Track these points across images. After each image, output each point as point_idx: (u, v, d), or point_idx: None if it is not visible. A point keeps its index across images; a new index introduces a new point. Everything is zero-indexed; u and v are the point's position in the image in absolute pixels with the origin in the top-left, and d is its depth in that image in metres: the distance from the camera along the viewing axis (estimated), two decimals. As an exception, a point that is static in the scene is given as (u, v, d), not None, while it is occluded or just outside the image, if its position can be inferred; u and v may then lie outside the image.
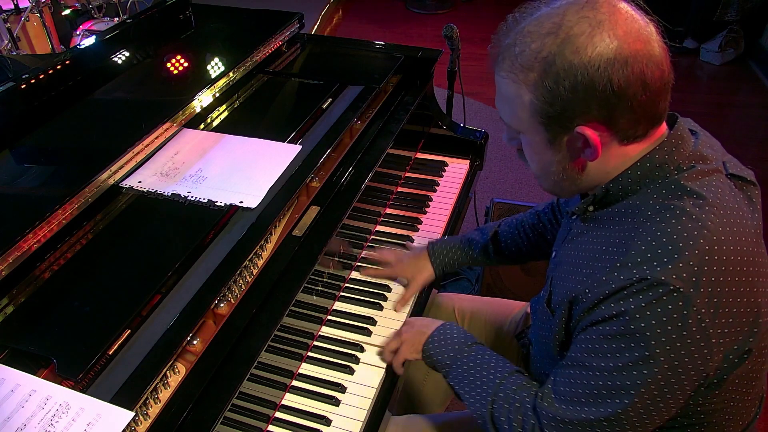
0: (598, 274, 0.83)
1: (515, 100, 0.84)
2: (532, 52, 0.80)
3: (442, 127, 1.79)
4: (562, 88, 0.78)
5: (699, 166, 0.85)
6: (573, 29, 0.78)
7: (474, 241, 1.37)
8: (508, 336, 1.38)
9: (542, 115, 0.82)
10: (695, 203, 0.81)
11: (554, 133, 0.84)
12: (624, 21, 0.78)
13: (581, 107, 0.79)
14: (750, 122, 3.52)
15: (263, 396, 1.07)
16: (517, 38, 0.82)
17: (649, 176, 0.85)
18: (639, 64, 0.77)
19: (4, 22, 2.32)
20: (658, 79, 0.79)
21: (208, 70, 1.51)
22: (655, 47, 0.79)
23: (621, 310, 0.79)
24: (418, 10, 4.97)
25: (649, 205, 0.83)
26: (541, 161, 0.90)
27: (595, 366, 0.83)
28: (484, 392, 1.00)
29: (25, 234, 0.97)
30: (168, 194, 1.16)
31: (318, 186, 1.27)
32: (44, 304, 0.95)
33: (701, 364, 0.79)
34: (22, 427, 0.79)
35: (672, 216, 0.80)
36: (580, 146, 0.84)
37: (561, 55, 0.78)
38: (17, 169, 1.15)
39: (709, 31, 4.02)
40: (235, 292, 1.04)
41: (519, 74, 0.82)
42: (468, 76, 1.98)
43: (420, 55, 1.70)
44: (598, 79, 0.76)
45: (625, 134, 0.83)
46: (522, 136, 0.90)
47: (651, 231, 0.80)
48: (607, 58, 0.76)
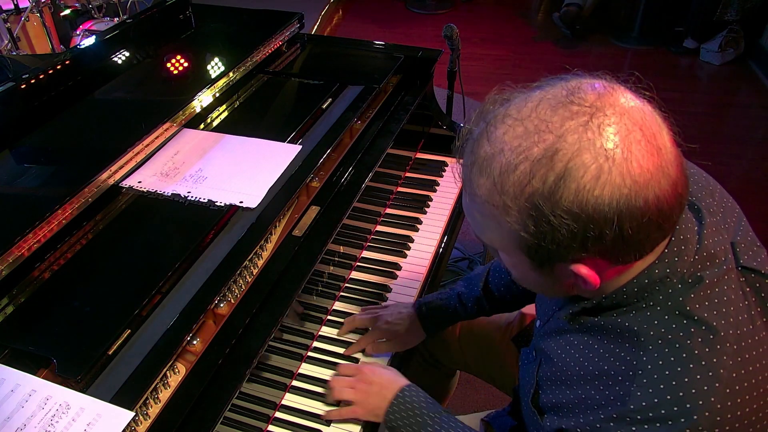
0: (591, 412, 0.74)
1: (494, 227, 0.70)
2: (517, 181, 0.64)
3: (442, 127, 1.79)
4: (559, 233, 0.64)
5: (707, 277, 0.72)
6: (573, 160, 0.61)
7: (465, 296, 1.24)
8: (505, 340, 1.37)
9: (527, 251, 0.69)
10: (704, 340, 0.69)
11: (541, 264, 0.70)
12: (638, 147, 0.62)
13: (579, 250, 0.66)
14: (750, 122, 3.52)
15: (263, 396, 1.07)
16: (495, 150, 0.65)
17: (648, 291, 0.72)
18: (655, 200, 0.62)
19: (4, 22, 2.32)
20: (675, 206, 0.65)
21: (208, 70, 1.51)
22: (672, 169, 0.64)
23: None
24: (418, 10, 4.97)
25: (651, 336, 0.71)
26: (523, 278, 0.78)
27: None
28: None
29: (25, 234, 0.97)
30: (168, 194, 1.16)
31: (318, 186, 1.27)
32: (44, 304, 0.95)
33: None
34: (22, 427, 0.79)
35: (678, 361, 0.68)
36: (571, 278, 0.71)
37: (557, 194, 0.62)
38: (17, 169, 1.15)
39: (709, 31, 4.02)
40: (235, 292, 1.04)
41: (499, 203, 0.66)
42: (468, 76, 1.99)
43: (420, 55, 1.70)
44: (606, 225, 0.62)
45: (625, 260, 0.70)
46: (500, 253, 0.77)
47: (653, 380, 0.69)
48: (618, 201, 0.61)
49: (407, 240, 1.49)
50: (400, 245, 1.48)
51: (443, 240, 1.52)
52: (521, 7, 5.07)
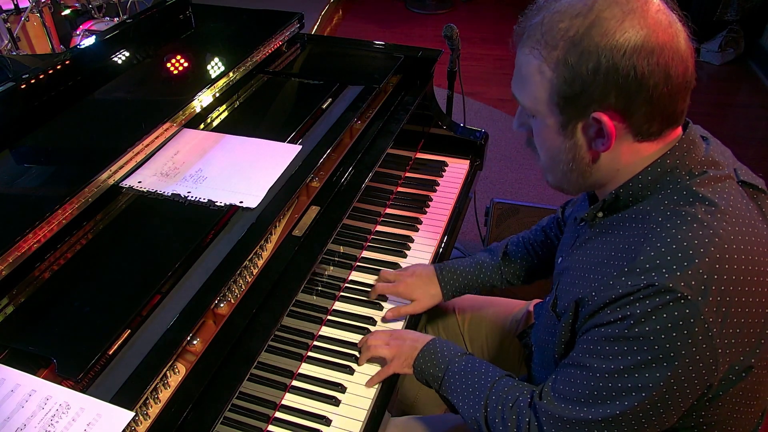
0: (606, 279, 0.82)
1: (535, 77, 0.83)
2: (559, 31, 0.79)
3: (442, 127, 1.79)
4: (585, 69, 0.77)
5: (711, 171, 0.83)
6: (604, 12, 0.77)
7: (484, 263, 1.32)
8: (510, 336, 1.38)
9: (560, 96, 0.81)
10: (707, 210, 0.79)
11: (569, 117, 0.82)
12: (655, 12, 0.77)
13: (601, 91, 0.78)
14: (750, 122, 3.52)
15: (263, 396, 1.07)
16: (545, 17, 0.81)
17: (660, 181, 0.84)
18: (664, 56, 0.76)
19: (4, 22, 2.32)
20: (681, 74, 0.78)
21: (208, 70, 1.51)
22: (682, 43, 0.78)
23: (626, 314, 0.78)
24: (418, 10, 4.97)
25: (660, 210, 0.82)
26: (551, 149, 0.88)
27: (596, 367, 0.82)
28: (477, 398, 1.01)
29: (25, 234, 0.97)
30: (168, 194, 1.16)
31: (318, 186, 1.27)
32: (44, 304, 0.95)
33: (705, 374, 0.78)
34: (22, 427, 0.79)
35: (683, 222, 0.79)
36: (593, 134, 0.82)
37: (588, 36, 0.77)
38: (17, 169, 1.15)
39: (709, 31, 4.02)
40: (235, 292, 1.04)
41: (543, 50, 0.80)
42: (468, 76, 1.99)
43: (420, 55, 1.70)
44: (622, 64, 0.75)
45: (639, 129, 0.81)
46: (534, 121, 0.88)
47: (661, 237, 0.79)
48: (634, 45, 0.75)
49: (407, 240, 1.49)
50: (400, 245, 1.48)
51: (443, 240, 1.52)
52: (521, 7, 5.02)
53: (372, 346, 1.16)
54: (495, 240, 2.16)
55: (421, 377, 1.12)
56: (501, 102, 3.60)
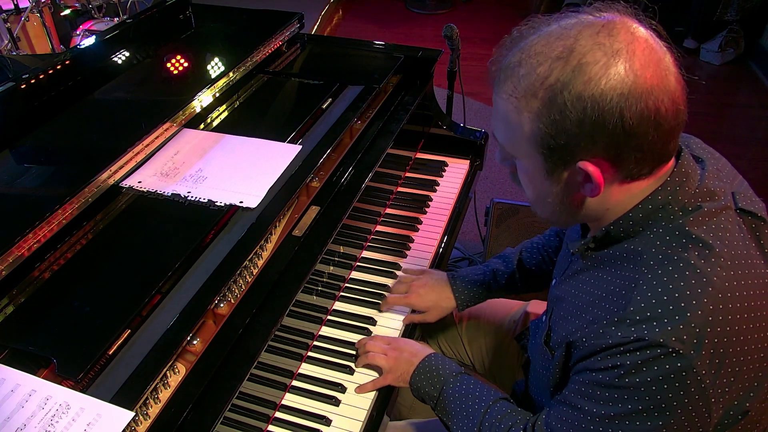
0: (596, 325, 0.80)
1: (514, 125, 0.79)
2: (538, 77, 0.74)
3: (442, 127, 1.79)
4: (569, 121, 0.72)
5: (706, 206, 0.79)
6: (586, 57, 0.71)
7: (499, 272, 1.30)
8: (508, 337, 1.38)
9: (543, 146, 0.77)
10: (701, 254, 0.75)
11: (553, 165, 0.78)
12: (642, 52, 0.72)
13: (587, 142, 0.74)
14: (750, 122, 3.52)
15: (263, 396, 1.07)
16: (522, 57, 0.76)
17: (652, 218, 0.80)
18: (654, 101, 0.71)
19: (4, 22, 2.32)
20: (672, 117, 0.73)
21: (208, 70, 1.51)
22: (672, 82, 0.73)
23: (617, 363, 0.75)
24: (418, 10, 4.97)
25: (652, 253, 0.78)
26: (536, 190, 0.85)
27: (587, 410, 0.81)
28: (470, 422, 1.00)
29: (25, 234, 0.97)
30: (168, 194, 1.16)
31: (318, 186, 1.27)
32: (44, 304, 0.95)
33: (699, 423, 0.76)
34: (22, 427, 0.79)
35: (675, 269, 0.75)
36: (580, 181, 0.79)
37: (571, 85, 0.71)
38: (17, 169, 1.15)
39: (709, 31, 4.02)
40: (235, 292, 1.04)
41: (521, 100, 0.76)
42: (468, 76, 1.98)
43: (420, 55, 1.70)
44: (609, 114, 0.71)
45: (629, 173, 0.77)
46: (517, 161, 0.85)
47: (652, 285, 0.76)
48: (621, 93, 0.70)
49: (407, 240, 1.49)
50: (400, 245, 1.48)
51: (443, 240, 1.52)
52: (521, 7, 5.07)
53: (370, 354, 1.15)
54: (495, 240, 2.17)
55: (418, 394, 1.11)
56: (501, 102, 3.60)
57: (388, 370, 1.13)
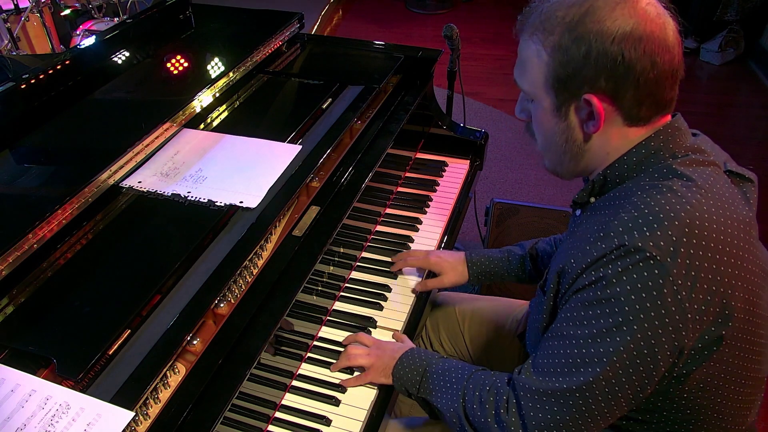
0: (584, 245, 0.86)
1: (533, 61, 0.89)
2: (556, 18, 0.85)
3: (442, 127, 1.79)
4: (577, 52, 0.83)
5: (694, 155, 0.87)
6: (597, 2, 0.83)
7: (513, 254, 1.36)
8: (510, 335, 1.38)
9: (555, 78, 0.86)
10: (683, 184, 0.83)
11: (563, 99, 0.88)
12: (645, 4, 0.83)
13: (592, 75, 0.83)
14: (750, 122, 3.52)
15: (263, 396, 1.07)
16: (544, 8, 0.88)
17: (645, 163, 0.88)
18: (651, 44, 0.81)
19: (4, 22, 2.32)
20: (667, 62, 0.82)
21: (208, 70, 1.51)
22: (670, 34, 0.83)
23: (599, 275, 0.81)
24: (418, 10, 4.97)
25: (640, 185, 0.87)
26: (547, 131, 0.93)
27: (572, 334, 0.85)
28: (454, 391, 1.03)
29: (25, 234, 0.97)
30: (168, 194, 1.16)
31: (318, 186, 1.27)
32: (44, 304, 0.95)
33: (675, 337, 0.80)
34: (22, 427, 0.79)
35: (658, 192, 0.83)
36: (585, 116, 0.88)
37: (582, 23, 0.83)
38: (17, 169, 1.15)
39: (709, 31, 4.02)
40: (235, 292, 1.04)
41: (541, 36, 0.87)
42: (468, 76, 1.98)
43: (420, 55, 1.70)
44: (611, 50, 0.81)
45: (629, 113, 0.86)
46: (533, 105, 0.94)
47: (635, 204, 0.83)
48: (623, 32, 0.81)
49: (407, 240, 1.49)
50: (400, 245, 1.47)
51: (443, 240, 1.52)
52: (521, 7, 5.05)
53: (351, 356, 1.16)
54: (495, 240, 2.17)
55: (400, 385, 1.12)
56: (501, 102, 3.60)
57: (370, 366, 1.14)
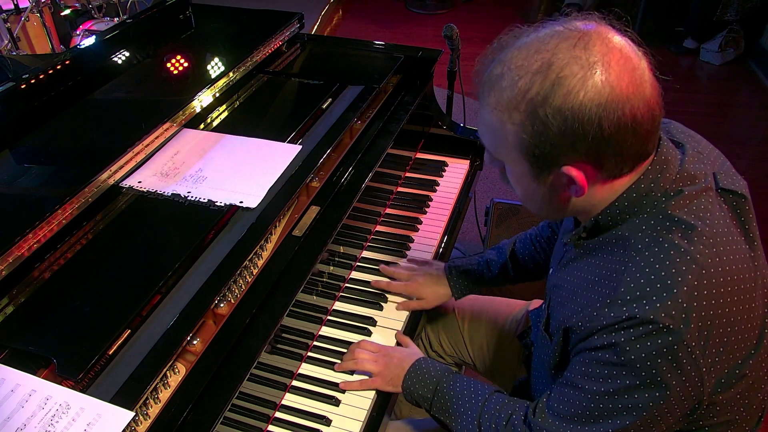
0: (590, 308, 0.83)
1: (499, 134, 0.82)
2: (519, 90, 0.77)
3: (442, 127, 1.79)
4: (551, 131, 0.77)
5: (686, 189, 0.83)
6: (564, 70, 0.75)
7: (492, 262, 1.34)
8: (510, 336, 1.38)
9: (528, 154, 0.81)
10: (684, 235, 0.80)
11: (539, 170, 0.83)
12: (617, 63, 0.75)
13: (569, 150, 0.78)
14: (750, 122, 3.52)
15: (263, 396, 1.07)
16: (503, 70, 0.80)
17: (637, 205, 0.84)
18: (630, 108, 0.75)
19: (4, 22, 2.32)
20: (648, 122, 0.78)
21: (208, 70, 1.51)
22: (647, 88, 0.77)
23: (612, 341, 0.79)
24: (418, 10, 4.97)
25: (638, 237, 0.82)
26: (524, 190, 0.89)
27: (588, 389, 0.84)
28: (470, 417, 1.02)
29: (25, 234, 0.97)
30: (168, 194, 1.16)
31: (318, 186, 1.27)
32: (44, 304, 0.95)
33: (693, 393, 0.80)
34: (22, 427, 0.79)
35: (661, 250, 0.79)
36: (565, 183, 0.83)
37: (551, 98, 0.75)
38: (17, 169, 1.15)
39: (709, 31, 4.02)
40: (235, 292, 1.04)
41: (504, 112, 0.80)
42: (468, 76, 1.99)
43: (420, 55, 1.70)
44: (588, 124, 0.75)
45: (611, 173, 0.82)
46: (505, 164, 0.89)
47: (640, 267, 0.79)
48: (598, 103, 0.74)
49: (407, 240, 1.49)
50: (400, 245, 1.48)
51: (443, 240, 1.52)
52: (521, 7, 5.07)
53: (359, 360, 1.16)
54: (495, 240, 2.17)
55: (411, 398, 1.12)
56: (501, 102, 3.60)
57: (377, 374, 1.14)
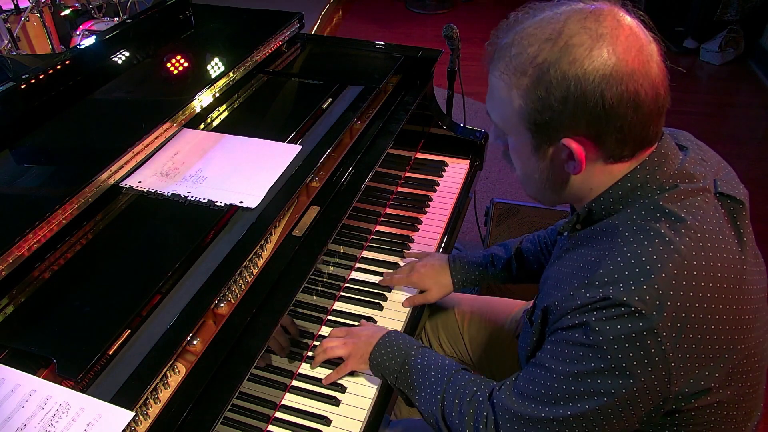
0: (569, 289, 0.83)
1: (505, 102, 0.83)
2: (528, 57, 0.78)
3: (442, 127, 1.79)
4: (553, 98, 0.77)
5: (683, 185, 0.82)
6: (573, 39, 0.75)
7: (497, 257, 1.34)
8: (509, 336, 1.38)
9: (530, 122, 0.81)
10: (671, 226, 0.79)
11: (540, 141, 0.83)
12: (626, 38, 0.76)
13: (570, 120, 0.78)
14: (750, 122, 3.52)
15: (263, 396, 1.07)
16: (515, 39, 0.81)
17: (631, 196, 0.83)
18: (634, 84, 0.75)
19: (4, 22, 2.32)
20: (651, 101, 0.77)
21: (208, 70, 1.51)
22: (654, 68, 0.77)
23: (583, 320, 0.79)
24: (418, 10, 4.97)
25: (627, 225, 0.82)
26: (525, 166, 0.90)
27: (554, 368, 0.84)
28: (434, 391, 1.02)
29: (25, 234, 0.97)
30: (168, 194, 1.16)
31: (318, 186, 1.27)
32: (44, 304, 0.95)
33: (658, 387, 0.78)
34: (22, 427, 0.79)
35: (645, 237, 0.79)
36: (564, 158, 0.83)
37: (556, 64, 0.76)
38: (17, 169, 1.15)
39: (709, 31, 4.02)
40: (235, 292, 1.04)
41: (512, 77, 0.80)
42: (468, 76, 1.98)
43: (420, 55, 1.70)
44: (591, 93, 0.75)
45: (611, 153, 0.81)
46: (509, 138, 0.89)
47: (622, 251, 0.79)
48: (603, 74, 0.74)
49: (407, 240, 1.49)
50: (400, 245, 1.48)
51: (443, 240, 1.52)
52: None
53: (328, 348, 1.15)
54: (495, 240, 2.17)
55: (377, 371, 1.11)
56: (501, 102, 3.60)
57: (348, 356, 1.14)
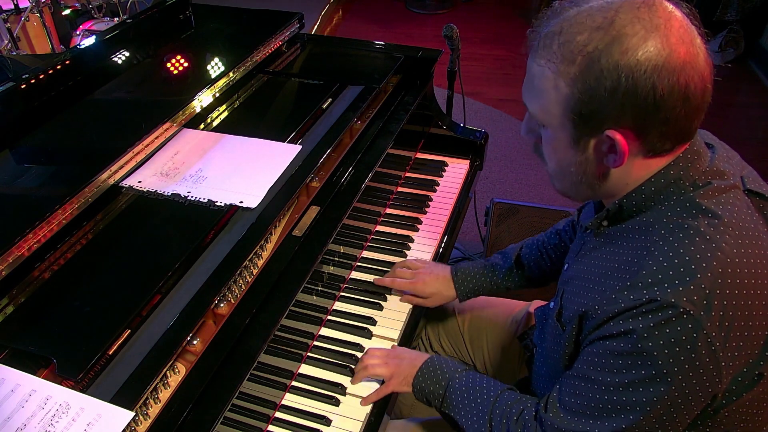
0: (609, 292, 0.81)
1: (549, 91, 0.80)
2: (577, 44, 0.76)
3: (442, 127, 1.79)
4: (603, 88, 0.75)
5: (715, 182, 0.82)
6: (625, 28, 0.74)
7: (498, 266, 1.33)
8: (510, 337, 1.38)
9: (575, 112, 0.79)
10: (710, 223, 0.78)
11: (582, 133, 0.81)
12: (678, 29, 0.75)
13: (617, 111, 0.76)
14: (750, 122, 3.52)
15: (263, 396, 1.07)
16: (563, 26, 0.78)
17: (664, 193, 0.82)
18: (685, 76, 0.74)
19: (4, 22, 2.32)
20: (699, 94, 0.76)
21: (208, 70, 1.51)
22: (702, 61, 0.76)
23: (629, 328, 0.77)
24: (418, 10, 4.97)
25: (663, 223, 0.81)
26: (560, 160, 0.87)
27: (601, 380, 0.82)
28: (480, 413, 1.01)
29: (25, 234, 0.97)
30: (168, 194, 1.16)
31: (318, 186, 1.27)
32: (44, 304, 0.95)
33: (709, 386, 0.78)
34: (22, 427, 0.79)
35: (685, 236, 0.78)
36: (605, 151, 0.81)
37: (608, 53, 0.74)
38: (17, 169, 1.15)
39: (708, 31, 4.02)
40: (235, 292, 1.04)
41: (560, 65, 0.77)
42: (468, 76, 1.99)
43: (420, 55, 1.70)
44: (642, 84, 0.73)
45: (653, 147, 0.80)
46: (544, 131, 0.86)
47: (663, 251, 0.78)
48: (655, 65, 0.73)
49: (407, 240, 1.49)
50: (400, 245, 1.48)
51: (443, 240, 1.52)
52: (521, 7, 5.07)
53: (369, 366, 1.14)
54: (495, 240, 2.17)
55: (421, 396, 1.11)
56: (501, 102, 3.60)
57: (390, 377, 1.13)
